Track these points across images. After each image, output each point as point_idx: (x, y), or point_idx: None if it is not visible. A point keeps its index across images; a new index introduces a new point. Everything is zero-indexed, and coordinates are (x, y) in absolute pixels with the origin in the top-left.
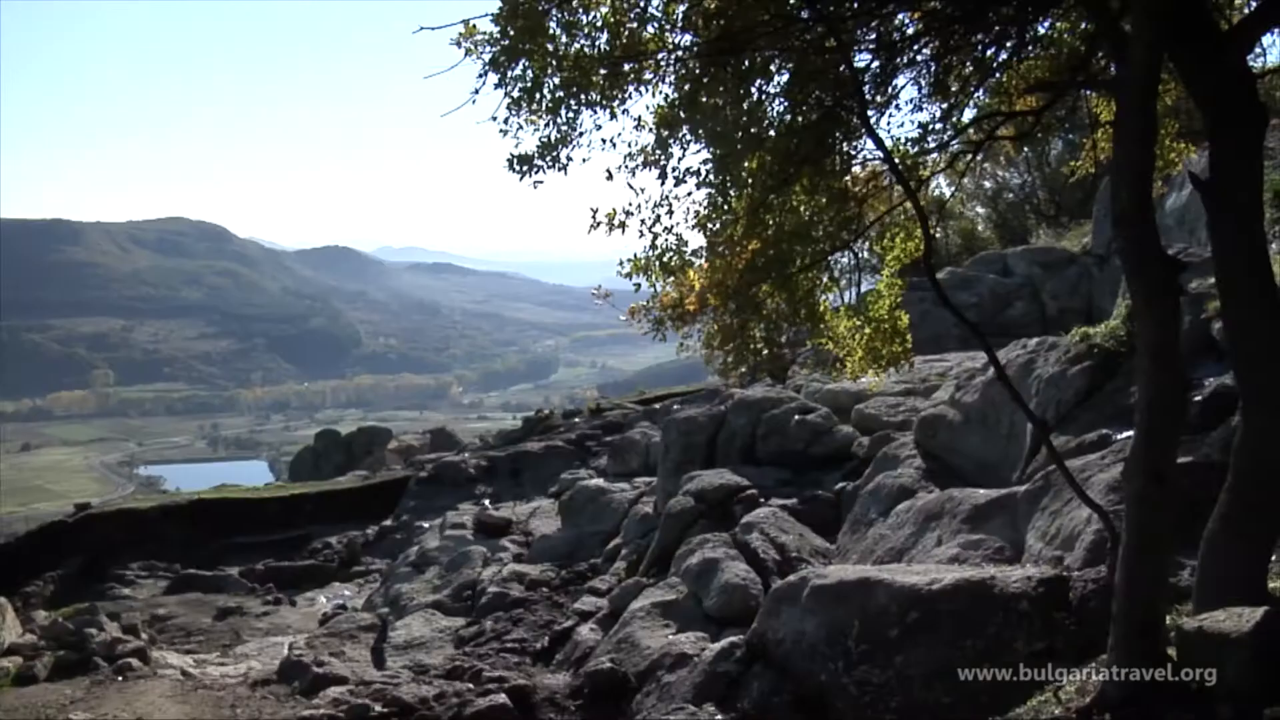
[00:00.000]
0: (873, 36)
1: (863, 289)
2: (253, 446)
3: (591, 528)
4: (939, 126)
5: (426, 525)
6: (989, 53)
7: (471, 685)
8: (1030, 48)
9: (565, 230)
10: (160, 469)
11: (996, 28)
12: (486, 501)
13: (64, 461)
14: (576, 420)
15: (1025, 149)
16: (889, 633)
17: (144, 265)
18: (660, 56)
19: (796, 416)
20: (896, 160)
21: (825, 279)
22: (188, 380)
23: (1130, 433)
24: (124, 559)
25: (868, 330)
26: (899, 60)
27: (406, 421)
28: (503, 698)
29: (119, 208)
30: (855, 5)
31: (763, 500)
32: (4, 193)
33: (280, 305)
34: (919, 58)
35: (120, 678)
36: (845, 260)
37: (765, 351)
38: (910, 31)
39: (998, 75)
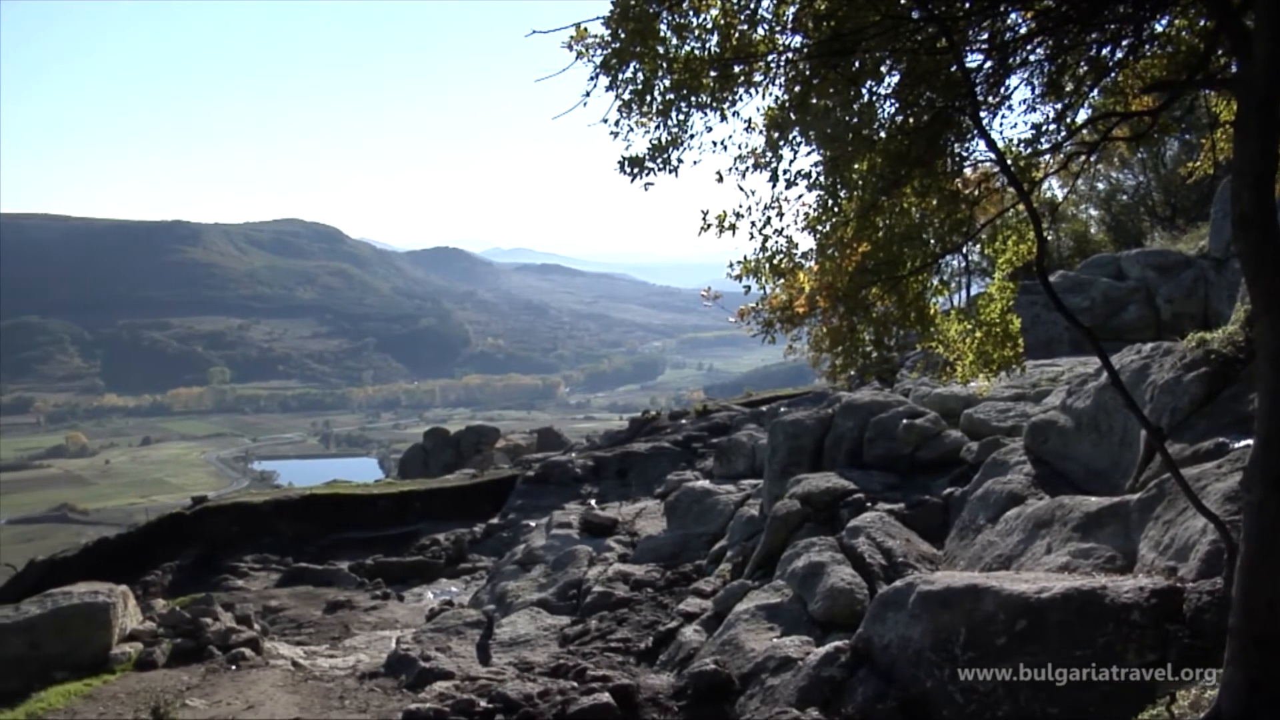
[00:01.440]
0: (985, 36)
1: (972, 292)
2: (363, 444)
3: (697, 529)
4: (1052, 127)
5: (533, 524)
6: (1104, 52)
7: (576, 683)
8: (1147, 46)
9: (673, 232)
10: (273, 464)
11: (1112, 26)
12: (593, 501)
13: (182, 455)
14: (683, 421)
15: (1140, 150)
16: (996, 641)
17: (260, 265)
18: (770, 58)
19: (904, 420)
20: (1009, 162)
21: (936, 282)
22: (301, 378)
23: (1248, 441)
24: (238, 551)
25: (978, 334)
26: (1012, 60)
27: (514, 421)
28: (606, 696)
29: (236, 209)
30: (967, 5)
31: (869, 504)
32: (127, 195)
33: (391, 305)
34: (1032, 58)
35: (234, 666)
36: (956, 263)
37: (874, 354)
38: (1023, 31)
39: (1113, 75)
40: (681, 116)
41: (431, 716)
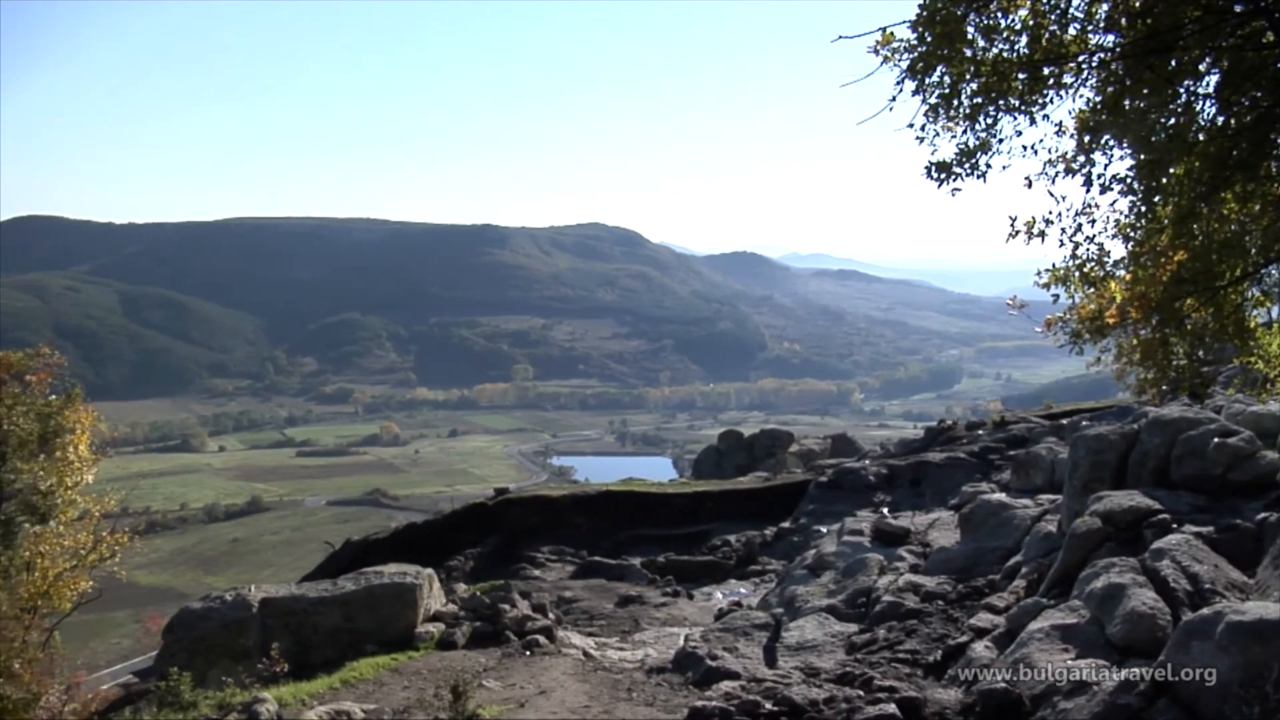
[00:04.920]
0: None
1: None
2: (658, 443)
3: (991, 543)
4: None
5: (824, 529)
6: None
7: (861, 692)
8: None
9: (974, 238)
10: (571, 460)
11: None
12: (885, 509)
13: (485, 448)
14: (979, 432)
15: None
16: None
17: (563, 268)
18: (1081, 59)
19: (1216, 439)
20: None
21: (1256, 293)
22: (600, 377)
23: None
24: (536, 542)
25: None
26: None
27: (807, 426)
28: (892, 708)
29: (541, 213)
30: None
31: (1175, 526)
32: (442, 200)
33: (689, 308)
34: None
35: (528, 652)
36: (1278, 273)
37: (1187, 368)
38: None
39: None
40: (989, 120)
41: (717, 715)
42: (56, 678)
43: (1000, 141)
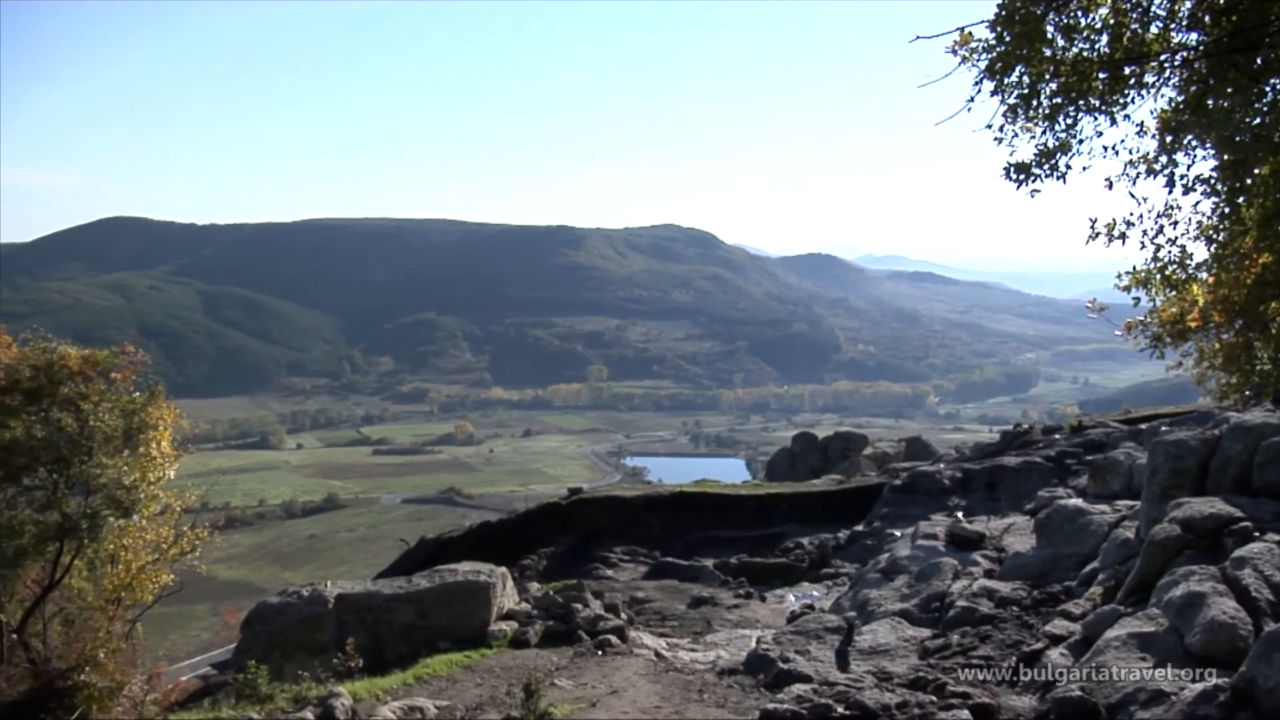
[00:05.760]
0: None
1: None
2: (731, 445)
3: (1067, 549)
4: None
5: (898, 533)
6: None
7: (934, 698)
8: None
9: (1051, 240)
10: (644, 461)
11: None
12: (959, 514)
13: (559, 448)
14: (1056, 436)
15: None
16: None
17: (637, 269)
18: (1164, 58)
19: None
20: None
21: None
22: (674, 379)
23: None
24: (609, 542)
25: None
26: None
27: (882, 429)
28: (966, 714)
29: (616, 214)
30: None
31: (1257, 534)
32: (516, 201)
33: (763, 310)
34: None
35: (600, 652)
36: None
37: (1271, 373)
38: None
39: None
40: (1069, 121)
41: (788, 717)
42: (138, 668)
43: (1080, 142)
